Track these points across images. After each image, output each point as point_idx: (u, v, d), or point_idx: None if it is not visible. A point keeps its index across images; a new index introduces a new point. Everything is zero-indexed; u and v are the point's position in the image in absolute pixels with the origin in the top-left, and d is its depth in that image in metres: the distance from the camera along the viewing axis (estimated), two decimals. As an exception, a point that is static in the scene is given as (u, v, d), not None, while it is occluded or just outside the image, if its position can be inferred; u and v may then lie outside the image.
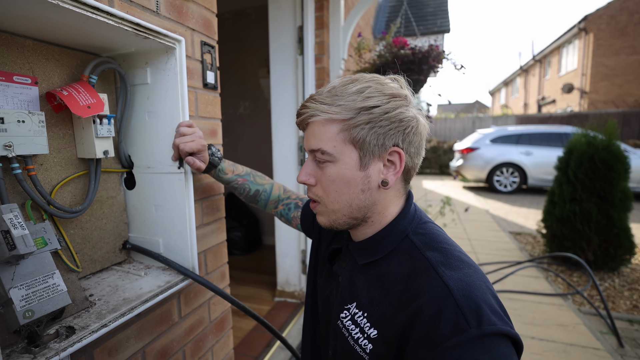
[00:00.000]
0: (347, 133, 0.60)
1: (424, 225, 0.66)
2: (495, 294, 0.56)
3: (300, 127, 0.67)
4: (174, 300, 0.97)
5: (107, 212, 0.87)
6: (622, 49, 13.71)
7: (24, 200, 0.67)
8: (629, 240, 3.11)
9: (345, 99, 0.60)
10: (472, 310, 0.50)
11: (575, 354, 2.01)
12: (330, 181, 0.63)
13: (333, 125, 0.60)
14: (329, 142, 0.61)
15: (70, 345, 0.60)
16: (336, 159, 0.62)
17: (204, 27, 1.03)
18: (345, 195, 0.63)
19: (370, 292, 0.64)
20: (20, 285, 0.57)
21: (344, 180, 0.62)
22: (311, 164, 0.67)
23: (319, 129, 0.62)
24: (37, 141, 0.65)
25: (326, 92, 0.62)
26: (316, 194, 0.67)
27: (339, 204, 0.64)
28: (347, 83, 0.62)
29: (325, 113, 0.60)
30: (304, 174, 0.66)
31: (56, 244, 0.66)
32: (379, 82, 0.62)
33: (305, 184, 0.67)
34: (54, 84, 0.72)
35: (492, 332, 0.48)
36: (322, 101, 0.61)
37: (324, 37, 2.43)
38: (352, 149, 0.61)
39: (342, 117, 0.59)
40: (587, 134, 3.32)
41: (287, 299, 2.63)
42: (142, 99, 0.89)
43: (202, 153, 0.88)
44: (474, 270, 0.57)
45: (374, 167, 0.62)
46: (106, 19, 0.64)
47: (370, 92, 0.60)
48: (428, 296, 0.54)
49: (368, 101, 0.59)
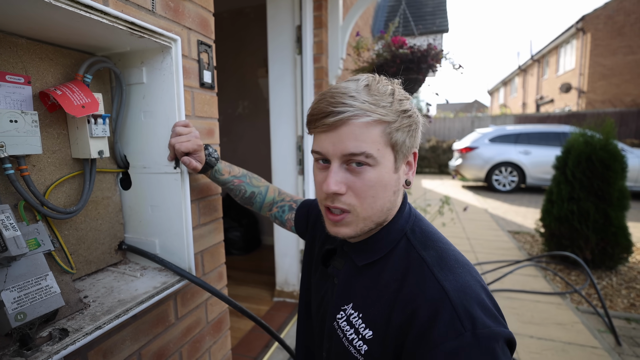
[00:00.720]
0: (389, 136, 0.58)
1: (420, 223, 0.67)
2: (488, 292, 0.56)
3: (321, 128, 0.59)
4: (171, 301, 0.96)
5: (102, 213, 0.87)
6: (619, 49, 13.75)
7: (16, 201, 0.66)
8: (626, 239, 3.12)
9: (385, 99, 0.58)
10: (467, 312, 0.50)
11: (573, 352, 2.02)
12: (369, 186, 0.59)
13: (378, 127, 0.57)
14: (374, 145, 0.57)
15: (63, 348, 0.59)
16: (378, 162, 0.58)
17: (201, 26, 1.03)
18: (381, 199, 0.60)
19: (365, 292, 0.64)
20: (12, 288, 0.57)
21: (382, 184, 0.59)
22: (339, 171, 0.59)
23: (362, 130, 0.56)
24: (30, 141, 0.64)
25: (363, 89, 0.58)
26: (347, 203, 0.60)
27: (373, 210, 0.61)
28: (376, 83, 0.59)
29: (374, 114, 0.56)
30: (334, 182, 0.58)
31: (49, 245, 0.65)
32: (397, 84, 0.63)
33: (337, 193, 0.59)
34: (47, 83, 0.71)
35: (486, 335, 0.49)
36: (366, 100, 0.56)
37: (322, 37, 2.42)
38: (390, 151, 0.59)
39: (389, 119, 0.57)
40: (584, 134, 3.33)
41: (286, 299, 2.63)
42: (138, 98, 0.88)
43: (199, 153, 0.87)
44: (467, 270, 0.57)
45: (401, 168, 0.63)
46: (101, 17, 0.63)
47: (399, 93, 0.60)
48: (424, 298, 0.54)
49: (403, 104, 0.59)
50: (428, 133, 13.80)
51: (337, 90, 0.58)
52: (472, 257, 3.67)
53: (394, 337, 0.56)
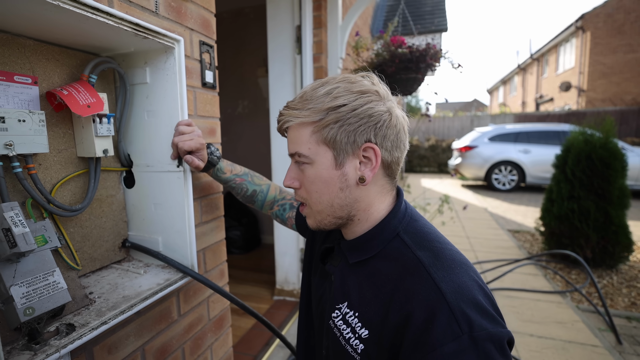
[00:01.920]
0: (319, 134, 0.62)
1: (415, 223, 0.66)
2: (486, 291, 0.56)
3: (282, 134, 0.70)
4: (173, 298, 0.98)
5: (106, 211, 0.88)
6: (619, 47, 13.76)
7: (24, 199, 0.67)
8: (627, 237, 3.12)
9: (315, 101, 0.62)
10: (464, 314, 0.51)
11: (573, 351, 2.03)
12: (310, 182, 0.66)
13: (305, 128, 0.63)
14: (304, 145, 0.64)
15: (70, 342, 0.60)
16: (312, 160, 0.64)
17: (203, 27, 1.04)
18: (326, 195, 0.65)
19: (361, 291, 0.64)
20: (21, 283, 0.58)
21: (322, 180, 0.64)
22: (294, 167, 0.69)
23: (294, 133, 0.65)
24: (37, 140, 0.65)
25: (298, 98, 0.65)
26: (301, 196, 0.70)
27: (322, 204, 0.66)
28: (318, 87, 0.64)
29: (297, 118, 0.63)
30: (288, 177, 0.69)
31: (56, 242, 0.66)
32: (349, 81, 0.63)
33: (290, 187, 0.70)
34: (54, 83, 0.72)
35: (483, 337, 0.49)
36: (294, 107, 0.64)
37: (322, 37, 2.43)
38: (326, 149, 0.63)
39: (312, 120, 0.62)
40: (584, 132, 3.33)
41: (286, 298, 2.64)
42: (142, 98, 0.89)
43: (201, 152, 0.89)
44: (465, 269, 0.57)
45: (350, 164, 0.63)
46: (106, 19, 0.65)
47: (338, 92, 0.61)
48: (421, 299, 0.54)
49: (335, 101, 0.61)
50: (427, 132, 13.81)
51: (288, 101, 0.67)
52: (472, 255, 3.68)
53: (390, 337, 0.56)
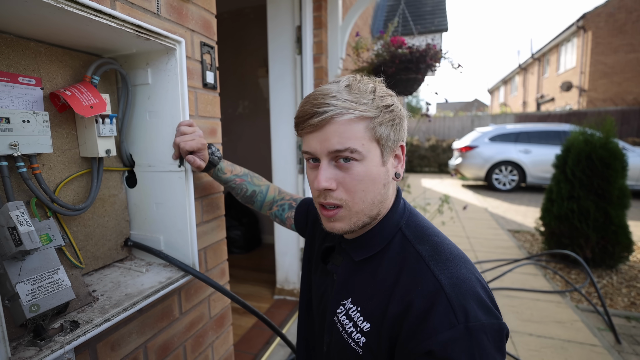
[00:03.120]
0: (373, 131, 0.61)
1: (414, 218, 0.69)
2: (483, 284, 0.58)
3: (307, 129, 0.62)
4: (175, 296, 0.99)
5: (109, 210, 0.89)
6: (620, 47, 13.73)
7: (28, 198, 0.68)
8: (627, 237, 3.12)
9: (366, 97, 0.61)
10: (461, 305, 0.53)
11: (572, 350, 2.03)
12: (357, 181, 0.61)
13: (361, 123, 0.60)
14: (358, 141, 0.60)
15: (74, 339, 0.61)
16: (364, 157, 0.61)
17: (204, 28, 1.05)
18: (371, 192, 0.63)
19: (364, 286, 0.66)
20: (26, 280, 0.59)
21: (371, 177, 0.62)
22: (328, 167, 0.62)
23: (345, 127, 0.59)
24: (41, 141, 0.66)
25: (344, 88, 0.61)
26: (338, 198, 0.63)
27: (364, 203, 0.63)
28: (357, 82, 0.63)
29: (356, 110, 0.59)
30: (324, 179, 0.61)
31: (60, 240, 0.68)
32: (378, 82, 0.65)
33: (327, 189, 0.62)
34: (57, 84, 0.74)
35: (477, 328, 0.51)
36: (347, 99, 0.60)
37: (322, 37, 2.44)
38: (376, 145, 0.62)
39: (371, 115, 0.60)
40: (584, 132, 3.33)
41: (287, 297, 2.65)
42: (143, 99, 0.90)
43: (202, 152, 0.90)
44: (463, 262, 0.59)
45: (389, 161, 0.65)
46: (108, 21, 0.66)
47: (381, 90, 0.63)
48: (420, 290, 0.56)
49: (385, 100, 0.62)
50: (428, 132, 13.80)
51: (319, 92, 0.62)
52: (472, 255, 3.69)
53: (389, 328, 0.58)
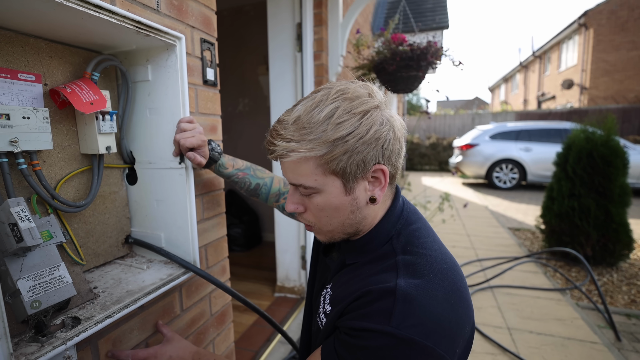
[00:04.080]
0: (326, 166, 0.58)
1: (408, 227, 0.66)
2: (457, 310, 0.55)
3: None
4: (176, 293, 0.99)
5: (109, 207, 0.89)
6: (622, 45, 13.68)
7: (29, 195, 0.68)
8: (627, 235, 3.12)
9: (315, 131, 0.56)
10: (402, 313, 0.51)
11: (573, 347, 2.04)
12: (319, 209, 0.63)
13: (309, 162, 0.58)
14: (309, 178, 0.59)
15: (76, 335, 0.61)
16: (320, 190, 0.60)
17: (204, 25, 1.05)
18: (336, 218, 0.63)
19: (342, 276, 0.68)
20: (28, 277, 0.59)
21: (332, 207, 0.62)
22: (296, 193, 0.65)
23: (294, 166, 0.59)
24: (41, 137, 0.66)
25: (292, 124, 0.58)
26: (307, 219, 0.66)
27: (332, 226, 0.65)
28: (312, 108, 0.57)
29: (297, 152, 0.57)
30: (291, 204, 0.65)
31: (61, 237, 0.68)
32: (347, 98, 0.57)
33: (294, 212, 0.66)
34: (57, 81, 0.73)
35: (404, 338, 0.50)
36: (291, 138, 0.57)
37: (322, 34, 2.43)
38: (334, 178, 0.59)
39: (317, 154, 0.56)
40: (585, 130, 3.33)
41: (287, 295, 2.66)
42: (143, 95, 0.90)
43: (203, 148, 0.90)
44: (440, 280, 0.56)
45: (359, 187, 0.61)
46: (108, 17, 0.65)
47: (339, 115, 0.55)
48: (377, 286, 0.56)
49: (340, 129, 0.55)
50: (428, 130, 13.79)
51: (276, 125, 0.61)
52: (472, 253, 3.69)
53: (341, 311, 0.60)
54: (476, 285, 2.88)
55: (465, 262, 3.42)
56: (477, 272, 3.17)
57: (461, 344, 0.55)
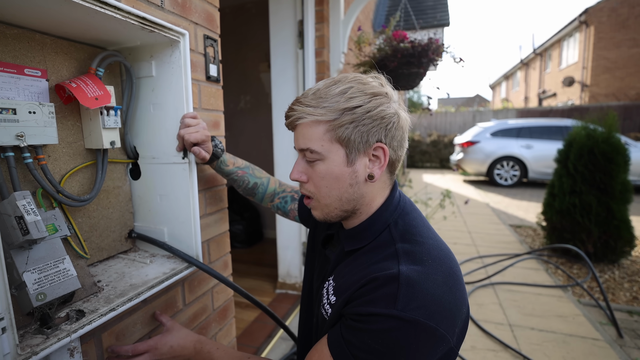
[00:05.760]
0: (333, 133, 0.64)
1: (405, 217, 0.70)
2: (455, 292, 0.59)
3: (290, 128, 0.71)
4: (179, 287, 1.00)
5: (113, 202, 0.90)
6: (623, 42, 13.63)
7: (34, 189, 0.69)
8: (629, 232, 3.12)
9: (329, 100, 0.63)
10: (406, 297, 0.55)
11: (574, 344, 2.04)
12: (320, 178, 0.67)
13: (319, 126, 0.65)
14: (317, 142, 0.65)
15: (80, 327, 0.62)
16: (324, 157, 0.66)
17: (207, 21, 1.05)
18: (335, 190, 0.67)
19: (344, 267, 0.70)
20: (33, 269, 0.60)
21: (333, 176, 0.66)
22: (302, 162, 0.70)
23: (307, 130, 0.66)
24: (47, 132, 0.67)
25: (311, 94, 0.66)
26: (308, 190, 0.71)
27: (330, 198, 0.68)
28: (331, 85, 0.65)
29: (312, 115, 0.64)
30: (296, 172, 0.70)
31: (66, 230, 0.68)
32: (361, 82, 0.65)
33: (298, 181, 0.71)
34: (62, 76, 0.74)
35: (408, 320, 0.53)
36: (308, 104, 0.65)
37: (324, 31, 2.43)
38: (339, 147, 0.65)
39: (328, 119, 0.63)
40: (587, 127, 3.33)
41: (288, 291, 2.67)
42: (147, 91, 0.91)
43: (206, 144, 0.90)
44: (438, 265, 0.60)
45: (361, 162, 0.66)
46: (114, 13, 0.66)
47: (352, 92, 0.63)
48: (380, 273, 0.59)
49: (351, 102, 0.63)
50: (429, 127, 13.77)
51: (298, 97, 0.69)
52: (473, 250, 3.69)
53: (346, 299, 0.62)
54: (478, 282, 2.89)
55: (466, 258, 3.43)
56: (478, 268, 3.17)
57: (459, 323, 0.59)
